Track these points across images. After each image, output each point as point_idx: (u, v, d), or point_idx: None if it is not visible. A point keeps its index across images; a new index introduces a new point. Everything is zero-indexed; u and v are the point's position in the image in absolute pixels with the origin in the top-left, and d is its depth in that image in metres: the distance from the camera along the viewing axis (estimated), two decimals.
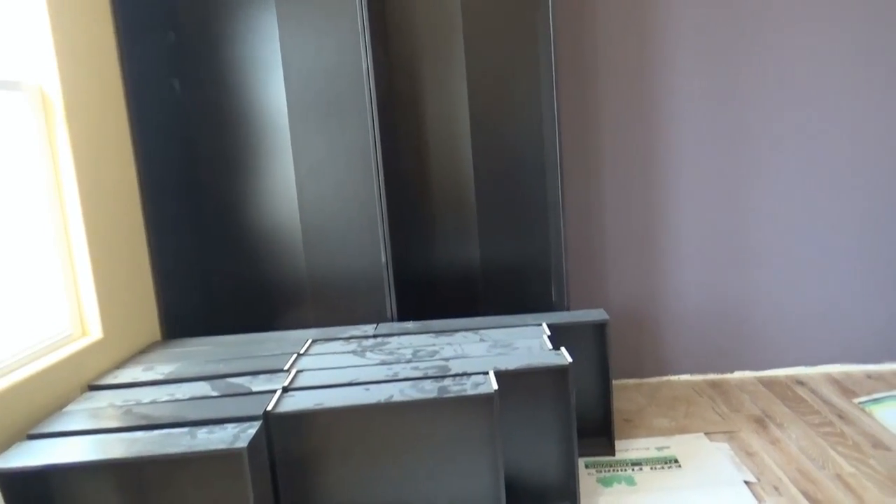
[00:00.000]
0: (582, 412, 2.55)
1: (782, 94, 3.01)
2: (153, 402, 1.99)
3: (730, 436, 2.63)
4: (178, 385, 2.11)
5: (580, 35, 2.98)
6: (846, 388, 2.99)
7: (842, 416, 2.73)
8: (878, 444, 2.49)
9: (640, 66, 3.00)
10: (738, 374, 3.20)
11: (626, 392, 3.11)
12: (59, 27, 2.16)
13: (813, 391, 2.98)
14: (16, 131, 2.07)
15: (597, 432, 2.58)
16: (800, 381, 3.09)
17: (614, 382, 3.21)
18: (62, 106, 2.15)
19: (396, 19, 2.86)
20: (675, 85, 3.01)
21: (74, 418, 1.91)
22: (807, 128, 3.03)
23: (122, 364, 2.34)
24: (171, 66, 2.79)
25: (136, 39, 2.57)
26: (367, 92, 2.58)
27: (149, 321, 2.58)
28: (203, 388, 2.07)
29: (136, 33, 2.58)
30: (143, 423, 1.85)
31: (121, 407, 1.97)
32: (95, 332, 2.27)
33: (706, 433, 2.66)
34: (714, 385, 3.12)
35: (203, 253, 2.92)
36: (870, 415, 2.71)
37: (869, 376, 3.09)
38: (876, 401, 2.82)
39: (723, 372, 3.21)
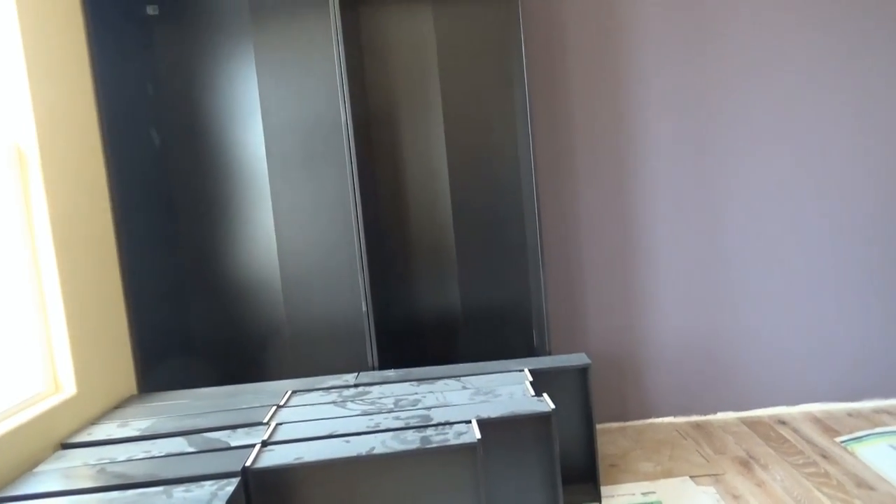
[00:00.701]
0: (566, 458, 2.53)
1: (759, 136, 3.09)
2: (128, 460, 1.94)
3: (715, 479, 2.61)
4: (154, 441, 2.06)
5: (554, 83, 3.05)
6: (828, 426, 3.00)
7: (825, 455, 2.73)
8: (861, 483, 2.48)
9: (614, 110, 3.07)
10: (721, 415, 3.20)
11: (610, 435, 3.09)
12: (37, 82, 2.16)
13: (795, 431, 2.98)
14: None
15: (582, 478, 2.55)
16: (782, 421, 3.10)
17: (598, 426, 3.19)
18: (38, 161, 2.15)
19: (374, 68, 2.92)
20: (651, 128, 3.08)
21: (46, 479, 1.85)
22: (785, 170, 3.11)
23: (96, 420, 2.28)
24: (150, 116, 2.80)
25: (114, 92, 2.58)
26: (345, 141, 2.61)
27: (124, 375, 2.54)
28: (180, 444, 2.02)
29: (115, 86, 2.59)
30: (118, 482, 1.79)
31: (94, 466, 1.92)
32: (69, 388, 2.22)
33: (692, 476, 2.64)
34: (698, 427, 3.12)
35: (181, 304, 2.89)
36: (852, 454, 2.72)
37: (850, 414, 3.11)
38: (858, 439, 2.83)
39: (706, 413, 3.21)
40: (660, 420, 3.21)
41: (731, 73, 3.06)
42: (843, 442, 2.83)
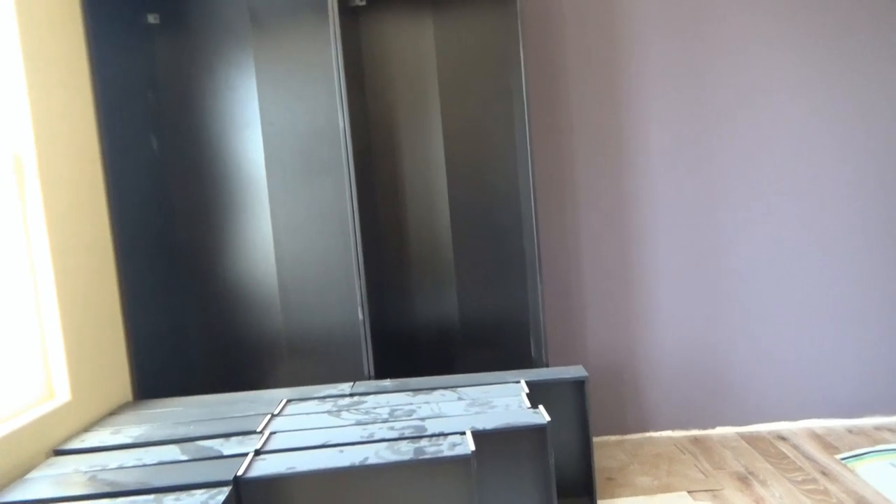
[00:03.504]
0: (563, 471, 2.51)
1: (762, 146, 3.09)
2: (120, 468, 1.93)
3: (713, 494, 2.59)
4: (147, 449, 2.05)
5: (554, 92, 3.06)
6: (828, 443, 2.97)
7: (825, 472, 2.70)
8: (861, 501, 2.46)
9: (614, 121, 3.07)
10: (719, 430, 3.18)
11: (607, 449, 3.07)
12: (35, 90, 2.17)
13: (795, 447, 2.96)
14: None
15: (578, 492, 2.53)
16: (782, 437, 3.07)
17: (595, 439, 3.17)
18: (35, 169, 2.15)
19: (374, 78, 2.92)
20: (652, 137, 3.08)
21: (37, 486, 1.84)
22: (787, 183, 3.10)
23: (90, 427, 2.27)
24: (150, 123, 2.81)
25: (114, 99, 2.59)
26: (343, 149, 2.61)
27: (120, 382, 2.53)
28: (172, 452, 2.01)
29: (115, 93, 2.60)
30: (109, 490, 1.78)
31: (86, 473, 1.91)
32: (63, 394, 2.22)
33: (689, 492, 2.62)
34: (696, 441, 3.09)
35: (178, 311, 2.89)
36: (852, 471, 2.69)
37: (850, 431, 3.08)
38: (858, 457, 2.80)
39: (704, 427, 3.18)
40: (658, 434, 3.18)
41: (733, 82, 3.06)
42: (843, 459, 2.80)
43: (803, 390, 3.17)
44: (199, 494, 1.72)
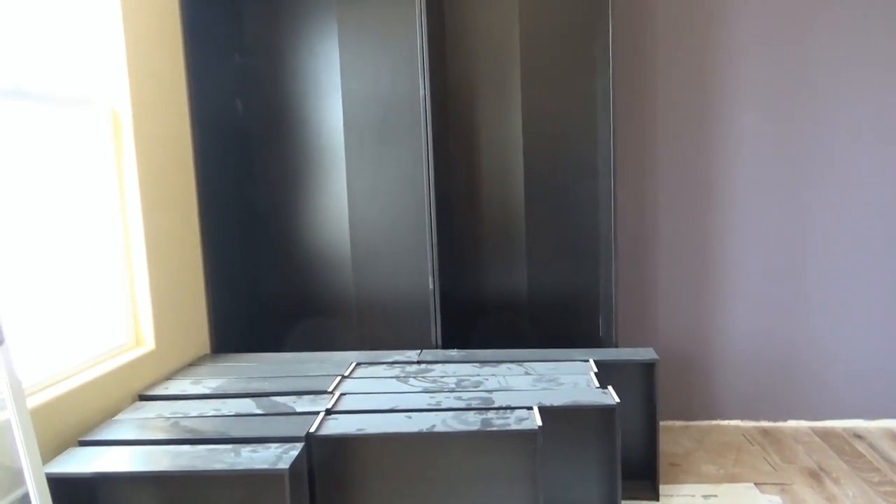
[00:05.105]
0: (626, 453, 2.48)
1: (844, 141, 2.92)
2: (200, 416, 2.02)
3: (782, 488, 2.52)
4: (224, 401, 2.14)
5: (639, 68, 2.96)
6: None
7: None
8: None
9: (700, 104, 2.96)
10: (791, 423, 3.08)
11: (673, 434, 3.02)
12: (132, 48, 2.25)
13: (872, 446, 2.84)
14: (85, 146, 2.16)
15: (641, 475, 2.51)
16: (858, 435, 2.95)
17: (661, 423, 3.11)
18: (130, 123, 2.23)
19: (455, 48, 2.89)
20: (737, 125, 2.95)
21: (124, 428, 1.95)
22: (875, 182, 2.93)
23: (171, 375, 2.38)
24: (236, 86, 2.87)
25: (204, 60, 2.66)
26: (422, 118, 2.60)
27: (199, 334, 2.64)
28: (248, 406, 2.09)
29: (205, 54, 2.66)
30: (189, 436, 1.87)
31: (168, 419, 2.01)
32: (149, 342, 2.33)
33: (756, 484, 2.55)
34: (766, 433, 3.01)
35: (255, 269, 2.98)
36: None
37: None
38: None
39: (775, 420, 3.09)
40: (726, 422, 3.11)
41: (829, 68, 2.88)
42: None
43: (884, 389, 3.03)
44: (274, 448, 1.78)
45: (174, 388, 2.25)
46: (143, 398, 2.20)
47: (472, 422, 1.91)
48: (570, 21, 2.85)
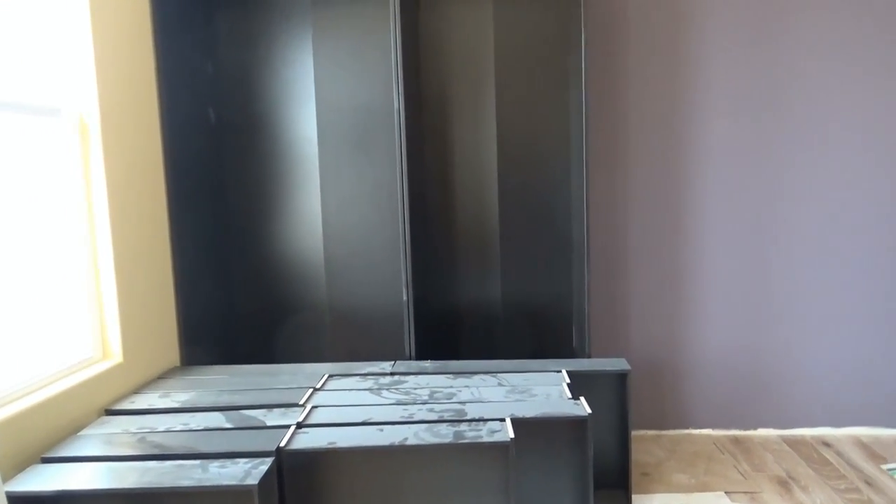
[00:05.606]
0: (598, 463, 2.50)
1: (814, 152, 2.98)
2: (167, 431, 1.99)
3: (751, 497, 2.55)
4: (193, 415, 2.11)
5: (612, 81, 2.99)
6: (874, 452, 2.89)
7: (869, 482, 2.63)
8: None
9: (671, 116, 3.00)
10: (761, 432, 3.12)
11: (644, 444, 3.04)
12: (101, 56, 2.21)
13: (839, 454, 2.89)
14: (53, 155, 2.12)
15: (613, 485, 2.52)
16: (826, 443, 3.00)
17: (633, 433, 3.14)
18: (99, 133, 2.20)
19: (430, 59, 2.90)
20: (708, 137, 3.00)
21: (89, 443, 1.91)
22: (837, 185, 2.99)
23: (139, 389, 2.34)
24: (208, 94, 2.84)
25: (175, 68, 2.63)
26: (396, 128, 2.60)
27: (169, 346, 2.60)
28: (217, 419, 2.06)
29: (177, 63, 2.64)
30: (156, 452, 1.84)
31: (135, 434, 1.97)
32: (116, 355, 2.29)
33: (727, 492, 2.58)
34: (736, 441, 3.04)
35: (227, 280, 2.94)
36: None
37: None
38: None
39: (746, 428, 3.13)
40: (697, 431, 3.14)
41: (798, 79, 2.95)
42: (889, 469, 2.72)
43: (850, 397, 3.08)
44: (243, 463, 1.76)
45: (142, 402, 2.21)
46: (110, 413, 2.16)
47: (444, 434, 1.91)
48: (544, 34, 2.87)
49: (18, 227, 1.98)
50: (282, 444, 1.84)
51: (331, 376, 2.45)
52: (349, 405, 2.16)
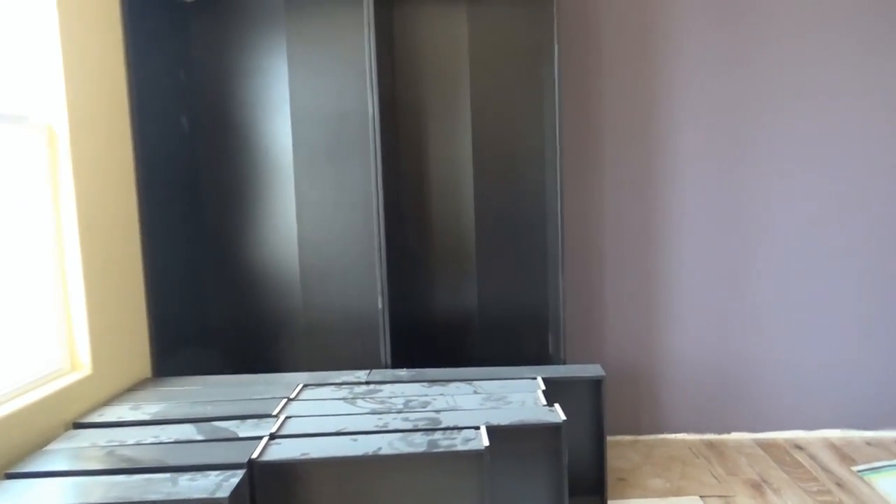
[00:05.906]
0: (574, 469, 2.50)
1: (783, 156, 3.03)
2: (137, 444, 1.95)
3: (726, 500, 2.57)
4: (164, 427, 2.08)
5: (586, 87, 3.02)
6: (845, 454, 2.93)
7: (840, 484, 2.67)
8: None
9: (646, 125, 3.03)
10: (735, 435, 3.15)
11: (620, 449, 3.05)
12: (70, 62, 2.18)
13: (811, 456, 2.92)
14: (20, 163, 2.08)
15: (589, 490, 2.52)
16: (798, 446, 3.04)
17: (609, 438, 3.15)
18: (68, 141, 2.17)
19: (404, 67, 2.90)
20: (682, 145, 3.03)
21: (56, 458, 1.87)
22: (814, 193, 3.04)
23: (109, 401, 2.30)
24: (181, 102, 2.82)
25: (147, 76, 2.60)
26: (371, 135, 2.60)
27: (140, 357, 2.56)
28: (188, 432, 2.03)
29: (149, 70, 2.61)
30: (125, 465, 1.81)
31: (104, 448, 1.93)
32: (85, 367, 2.24)
33: (702, 496, 2.60)
34: (711, 445, 3.07)
35: (200, 290, 2.91)
36: (869, 484, 2.65)
37: (868, 443, 3.04)
38: (875, 470, 2.76)
39: (720, 432, 3.15)
40: (672, 436, 3.16)
41: (769, 89, 2.99)
42: (860, 471, 2.76)
43: (822, 400, 3.13)
44: (214, 476, 1.73)
45: (111, 414, 2.18)
46: (78, 426, 2.12)
47: (418, 443, 1.90)
48: (518, 42, 2.89)
49: None
50: (254, 456, 1.82)
51: (305, 386, 2.43)
52: (323, 415, 2.14)
